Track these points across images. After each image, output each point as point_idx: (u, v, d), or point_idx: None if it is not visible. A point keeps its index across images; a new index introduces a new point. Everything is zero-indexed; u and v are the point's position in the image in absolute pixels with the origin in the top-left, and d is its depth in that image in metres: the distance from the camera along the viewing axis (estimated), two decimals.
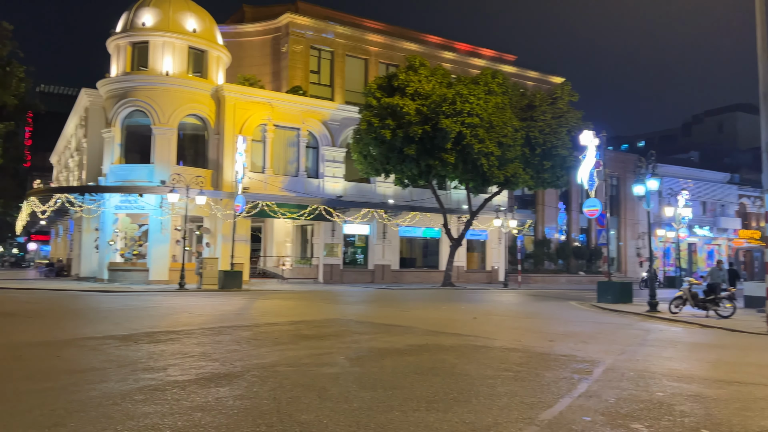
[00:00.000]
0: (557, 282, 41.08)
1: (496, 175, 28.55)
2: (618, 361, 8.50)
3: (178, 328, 11.21)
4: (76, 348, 8.61)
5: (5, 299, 18.64)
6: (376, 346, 9.28)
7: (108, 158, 30.24)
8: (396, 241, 35.89)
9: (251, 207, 29.33)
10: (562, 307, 19.58)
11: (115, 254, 29.83)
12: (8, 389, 5.90)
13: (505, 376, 7.03)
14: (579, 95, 31.61)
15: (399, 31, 42.98)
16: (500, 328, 12.57)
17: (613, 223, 47.76)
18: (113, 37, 31.08)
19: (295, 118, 32.68)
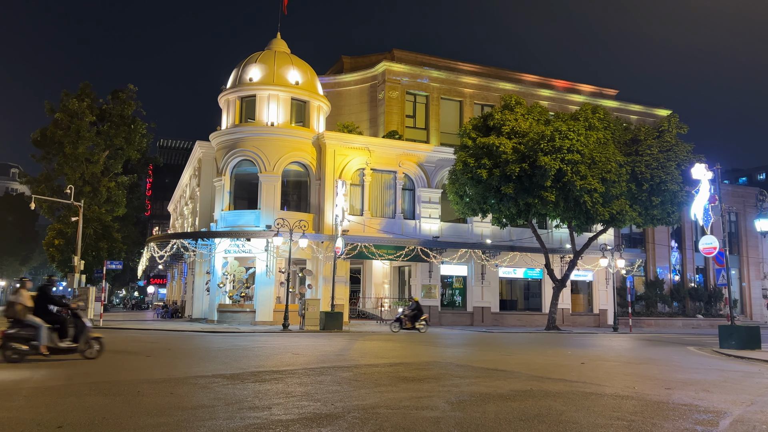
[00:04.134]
0: (672, 325, 38.30)
1: (600, 212, 27.40)
2: (747, 412, 7.70)
3: (282, 368, 11.48)
4: (188, 386, 9.03)
5: (128, 339, 20.03)
6: (477, 390, 9.01)
7: (219, 205, 32.13)
8: (495, 283, 35.13)
9: (350, 249, 29.93)
10: (680, 352, 18.15)
11: (224, 296, 31.32)
12: (129, 424, 6.26)
13: (617, 426, 6.57)
14: (688, 127, 29.93)
15: (493, 71, 43.08)
16: (611, 375, 11.82)
17: (733, 262, 44.19)
18: (224, 92, 33.44)
19: (392, 161, 33.31)
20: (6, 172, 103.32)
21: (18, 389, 8.48)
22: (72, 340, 12.13)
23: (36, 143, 38.68)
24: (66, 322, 12.21)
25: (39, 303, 12.14)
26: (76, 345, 12.14)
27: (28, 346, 11.58)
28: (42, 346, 11.65)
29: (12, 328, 11.65)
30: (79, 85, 39.22)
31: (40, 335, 11.68)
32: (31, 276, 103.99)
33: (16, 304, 11.83)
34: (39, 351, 11.63)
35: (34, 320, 11.80)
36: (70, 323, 12.23)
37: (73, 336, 12.15)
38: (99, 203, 38.29)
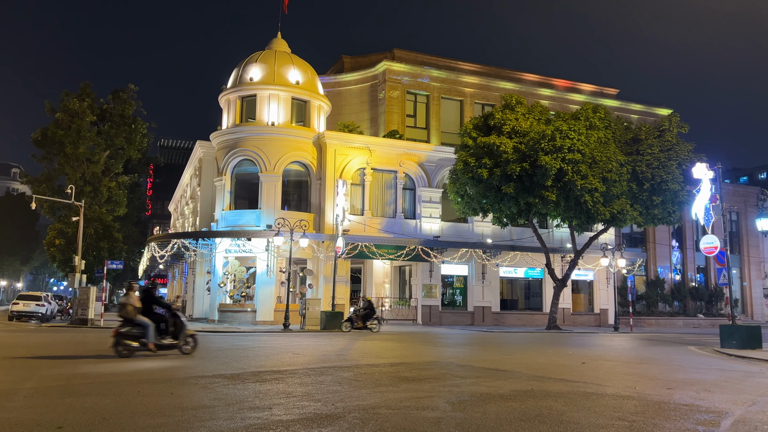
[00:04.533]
0: (673, 325, 38.29)
1: (601, 211, 27.38)
2: (749, 412, 7.68)
3: (283, 368, 11.48)
4: (189, 386, 9.03)
5: None
6: (478, 390, 9.00)
7: (219, 205, 32.13)
8: (496, 282, 35.12)
9: (351, 248, 29.93)
10: (680, 352, 18.14)
11: (225, 296, 31.33)
12: (129, 424, 6.26)
13: (618, 426, 6.56)
14: (689, 126, 29.90)
15: (494, 71, 43.05)
16: (612, 374, 11.81)
17: (734, 262, 44.16)
18: (224, 92, 33.44)
19: (392, 161, 33.30)
20: (7, 171, 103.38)
21: (19, 389, 8.48)
22: (173, 338, 13.45)
23: (37, 143, 38.67)
24: (168, 321, 13.51)
25: (145, 303, 13.41)
26: (176, 342, 13.47)
27: (138, 343, 12.89)
28: (150, 343, 12.95)
29: (124, 327, 12.92)
30: (80, 84, 39.22)
31: (148, 333, 12.96)
32: (32, 276, 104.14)
33: (128, 305, 13.15)
34: (147, 347, 12.94)
35: (143, 320, 13.09)
36: (170, 322, 13.51)
37: (174, 333, 13.47)
38: (100, 203, 38.29)
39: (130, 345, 12.81)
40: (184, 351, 13.51)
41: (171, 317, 13.57)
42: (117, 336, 12.80)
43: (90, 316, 28.33)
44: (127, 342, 12.79)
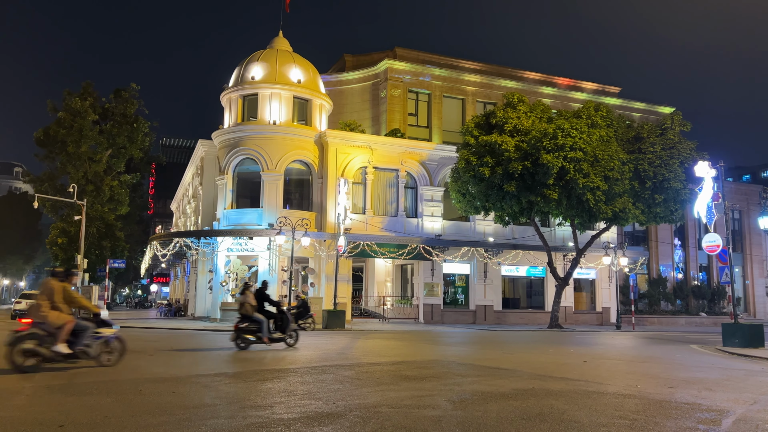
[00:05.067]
0: (675, 324, 38.24)
1: (603, 210, 27.34)
2: (750, 411, 7.67)
3: (284, 367, 11.49)
4: (190, 384, 9.04)
5: (131, 337, 20.03)
6: (479, 389, 9.00)
7: (221, 204, 32.16)
8: (498, 281, 35.11)
9: (353, 247, 29.94)
10: (682, 350, 18.12)
11: (227, 295, 31.36)
12: (131, 423, 6.27)
13: (620, 424, 6.55)
14: (692, 125, 29.84)
15: (496, 69, 43.00)
16: (613, 373, 11.80)
17: (736, 260, 44.07)
18: (226, 91, 33.46)
19: (394, 159, 33.30)
20: (9, 171, 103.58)
21: (21, 388, 8.50)
22: (281, 332, 15.05)
23: (39, 142, 38.75)
24: (276, 317, 15.12)
25: (258, 302, 14.89)
26: (284, 336, 15.07)
27: (255, 337, 14.48)
28: (265, 337, 14.50)
29: (242, 323, 14.48)
30: (82, 84, 39.28)
31: (263, 328, 14.50)
32: (35, 274, 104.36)
33: (246, 303, 14.62)
34: (262, 341, 14.52)
35: (259, 317, 14.60)
36: (278, 318, 15.12)
37: (281, 328, 15.07)
38: (102, 202, 38.36)
39: (247, 338, 14.44)
40: (288, 343, 15.20)
41: (279, 314, 15.19)
42: (237, 331, 14.43)
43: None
44: (245, 336, 14.43)
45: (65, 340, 9.96)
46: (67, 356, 10.01)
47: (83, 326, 10.26)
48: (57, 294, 10.14)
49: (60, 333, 9.91)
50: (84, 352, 10.22)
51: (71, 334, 10.06)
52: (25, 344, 9.79)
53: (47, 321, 9.92)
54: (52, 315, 9.98)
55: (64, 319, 10.02)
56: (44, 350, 9.83)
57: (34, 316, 10.03)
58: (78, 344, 10.14)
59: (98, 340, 10.48)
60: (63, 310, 10.15)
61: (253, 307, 14.72)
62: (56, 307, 10.09)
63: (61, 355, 9.94)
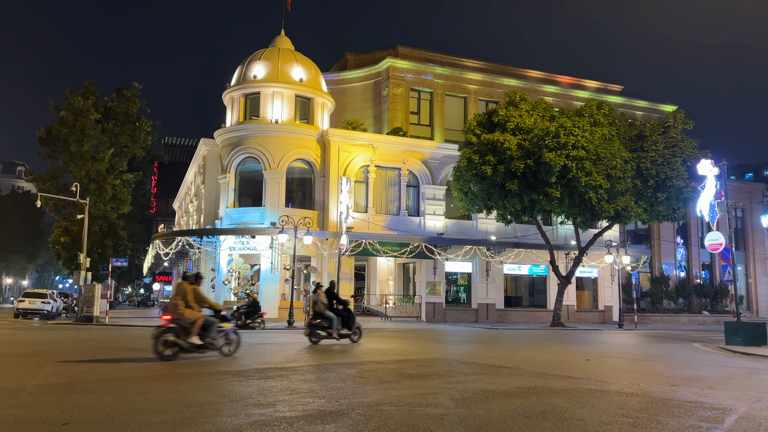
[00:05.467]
0: (678, 322, 38.19)
1: (605, 208, 27.32)
2: (753, 409, 7.67)
3: (287, 365, 11.51)
4: (193, 382, 9.06)
5: (133, 336, 20.11)
6: (481, 387, 9.01)
7: (223, 202, 32.20)
8: (500, 279, 35.11)
9: (355, 246, 29.95)
10: (685, 349, 18.11)
11: (230, 293, 31.41)
12: (134, 421, 6.29)
13: (622, 423, 6.55)
14: (694, 123, 29.78)
15: (498, 67, 42.94)
16: (615, 371, 11.80)
17: (739, 258, 43.98)
18: (228, 90, 33.48)
19: (396, 158, 33.30)
20: (12, 170, 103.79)
21: (24, 386, 8.53)
22: (347, 329, 16.37)
23: (41, 141, 38.79)
24: (343, 315, 16.36)
25: (329, 300, 16.30)
26: (350, 332, 16.41)
27: (326, 333, 15.91)
28: (335, 333, 15.88)
29: (315, 319, 15.98)
30: (84, 83, 39.30)
31: (333, 325, 15.91)
32: (38, 273, 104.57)
33: (318, 302, 16.11)
34: (332, 336, 15.89)
35: (330, 314, 15.98)
36: (345, 316, 16.36)
37: (348, 325, 16.38)
38: (104, 201, 38.39)
39: (319, 334, 15.91)
40: (353, 340, 16.49)
41: (345, 312, 16.48)
42: (310, 327, 15.98)
43: (95, 313, 28.43)
44: (318, 332, 15.90)
45: (197, 333, 11.70)
46: (198, 347, 11.75)
47: (210, 321, 11.99)
48: (189, 294, 11.91)
49: (193, 327, 11.64)
50: (211, 343, 11.92)
51: (201, 329, 11.77)
52: (166, 336, 11.53)
53: (183, 317, 11.65)
54: (187, 312, 11.69)
55: (196, 315, 11.77)
56: (181, 342, 11.56)
57: (173, 313, 11.74)
58: (206, 337, 11.85)
59: (221, 333, 12.24)
60: (194, 308, 11.87)
61: (325, 306, 16.17)
62: (189, 305, 11.80)
63: (194, 346, 11.67)
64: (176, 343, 11.57)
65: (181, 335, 11.62)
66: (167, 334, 11.59)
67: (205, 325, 11.88)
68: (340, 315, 16.32)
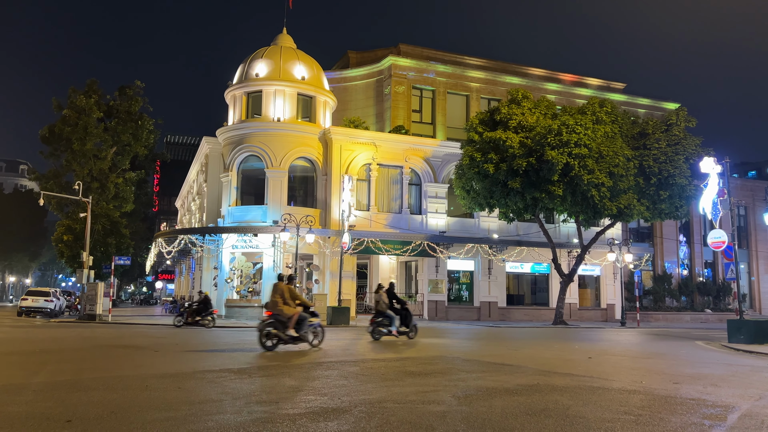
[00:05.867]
0: (680, 320, 38.15)
1: (607, 206, 27.28)
2: (756, 407, 7.67)
3: (289, 363, 11.53)
4: (196, 380, 9.08)
5: (136, 334, 20.17)
6: (484, 384, 9.02)
7: (226, 201, 32.23)
8: (502, 277, 35.10)
9: (357, 244, 29.96)
10: (687, 347, 18.10)
11: (232, 291, 31.45)
12: (137, 418, 6.31)
13: (625, 420, 6.55)
14: (697, 120, 29.72)
15: (500, 65, 42.89)
16: (618, 369, 11.80)
17: (742, 256, 43.93)
18: (230, 88, 33.48)
19: (398, 156, 33.29)
20: (15, 168, 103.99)
21: (28, 384, 8.56)
22: (405, 326, 17.55)
23: (44, 140, 38.86)
24: (402, 313, 17.55)
25: (390, 300, 17.51)
26: (407, 330, 17.59)
27: (387, 330, 17.18)
28: (394, 330, 17.17)
29: (377, 318, 17.25)
30: (86, 81, 39.36)
31: (393, 323, 17.20)
32: (41, 272, 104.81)
33: (380, 301, 17.33)
34: (392, 333, 17.16)
35: (390, 313, 17.26)
36: (403, 314, 17.54)
37: (406, 323, 17.55)
38: (107, 199, 38.46)
39: (381, 331, 17.17)
40: (410, 337, 17.63)
41: (403, 311, 17.64)
42: (373, 324, 17.26)
43: (98, 311, 28.51)
44: (379, 329, 17.16)
45: (293, 327, 13.51)
46: (294, 338, 13.52)
47: (303, 317, 13.73)
48: (285, 293, 13.73)
49: (290, 321, 13.46)
50: (304, 335, 13.75)
51: (296, 323, 13.56)
52: (268, 329, 13.33)
53: (282, 313, 13.43)
54: (285, 308, 13.48)
55: (293, 311, 13.53)
56: (281, 334, 13.36)
57: (273, 309, 13.56)
58: (300, 329, 13.65)
59: (311, 327, 13.98)
60: (290, 304, 13.62)
61: (386, 305, 17.34)
62: (286, 302, 13.59)
63: (291, 338, 13.49)
64: (276, 335, 13.36)
65: (280, 328, 13.37)
66: (269, 327, 13.34)
67: (299, 320, 13.63)
68: (399, 314, 17.53)
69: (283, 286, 13.86)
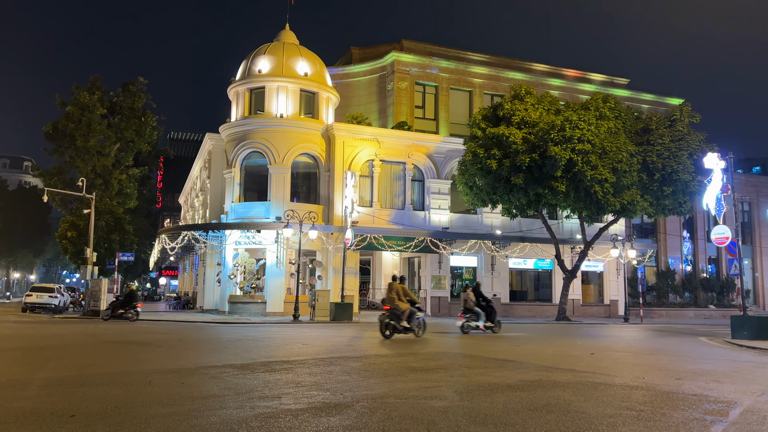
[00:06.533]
0: (684, 316, 38.11)
1: (611, 202, 27.24)
2: (758, 402, 7.66)
3: (292, 358, 11.56)
4: (199, 376, 9.12)
5: (140, 329, 20.24)
6: (486, 380, 9.03)
7: (229, 197, 32.27)
8: (505, 273, 35.09)
9: (360, 240, 29.98)
10: (690, 343, 18.08)
11: (235, 287, 31.51)
12: (141, 413, 6.34)
13: (626, 416, 6.56)
14: (701, 116, 29.61)
15: (503, 61, 42.80)
16: (620, 365, 11.80)
17: (746, 252, 43.81)
18: (233, 84, 33.49)
19: (401, 152, 33.26)
20: (19, 165, 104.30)
21: (32, 379, 8.60)
22: (490, 321, 19.38)
23: (48, 136, 38.97)
24: (487, 310, 19.36)
25: (476, 297, 19.47)
26: (492, 325, 19.43)
27: (475, 325, 19.14)
28: (481, 325, 19.17)
29: (466, 314, 19.23)
30: (90, 78, 39.43)
31: (480, 318, 19.16)
32: (45, 268, 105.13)
33: (468, 299, 19.29)
34: (479, 328, 19.20)
35: (477, 310, 19.20)
36: (488, 311, 19.37)
37: (491, 319, 19.40)
38: (111, 195, 38.57)
39: (470, 326, 19.11)
40: (494, 331, 19.45)
41: (488, 308, 19.37)
42: (463, 320, 19.21)
43: (102, 307, 28.62)
44: (468, 324, 19.12)
45: (406, 319, 16.50)
46: (405, 329, 16.54)
47: (413, 311, 16.69)
48: (400, 291, 16.76)
49: (403, 315, 16.49)
50: (412, 327, 16.66)
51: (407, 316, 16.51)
52: (387, 321, 16.44)
53: (398, 308, 16.49)
54: (400, 304, 16.52)
55: (406, 306, 16.58)
56: (397, 324, 16.42)
57: (390, 304, 16.57)
58: (411, 321, 16.64)
59: (417, 320, 16.83)
60: (404, 300, 16.64)
61: (474, 303, 19.26)
62: (401, 299, 16.62)
63: (404, 328, 16.51)
64: (393, 325, 16.38)
65: (395, 320, 16.41)
66: (387, 320, 16.40)
67: (410, 313, 16.60)
68: (485, 310, 19.29)
69: (397, 286, 16.90)
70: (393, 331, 16.38)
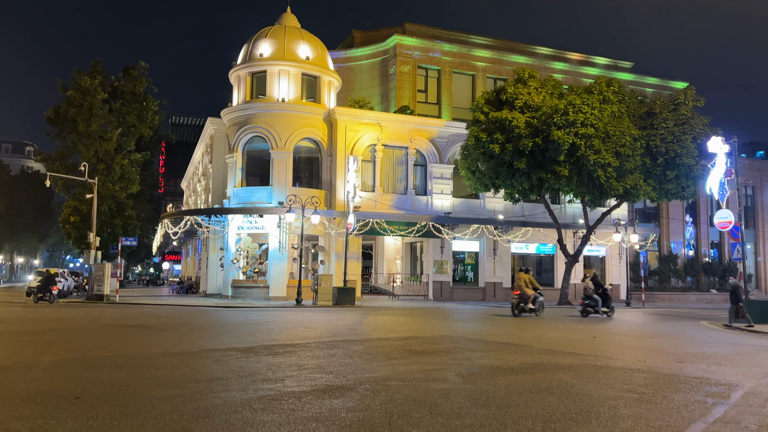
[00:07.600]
0: (686, 300, 38.16)
1: (614, 186, 27.14)
2: (760, 385, 7.70)
3: (295, 342, 11.62)
4: (203, 359, 9.18)
5: (143, 314, 20.35)
6: (488, 363, 9.07)
7: (231, 182, 32.24)
8: (507, 258, 35.09)
9: (362, 225, 29.99)
10: (692, 326, 18.12)
11: (238, 272, 31.61)
12: (145, 395, 6.39)
13: (628, 398, 6.59)
14: (705, 100, 29.38)
15: (507, 44, 42.46)
16: (622, 348, 11.84)
17: (749, 236, 43.71)
18: (234, 68, 33.31)
19: (403, 137, 33.14)
20: (21, 150, 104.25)
21: (38, 362, 8.67)
22: (606, 307, 21.61)
23: (49, 121, 38.90)
24: (603, 297, 21.53)
25: (595, 286, 21.66)
26: (607, 310, 21.63)
27: (594, 310, 21.44)
28: (600, 310, 21.40)
29: (585, 300, 21.61)
30: (91, 62, 39.26)
31: (598, 304, 21.39)
32: (49, 252, 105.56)
33: (588, 287, 21.66)
34: (597, 312, 21.40)
35: (596, 297, 21.41)
36: (604, 298, 21.55)
37: (607, 305, 21.65)
38: (113, 180, 38.58)
39: (589, 311, 21.43)
40: (609, 315, 21.52)
41: (604, 295, 21.55)
42: (583, 306, 21.57)
43: (105, 292, 28.76)
44: (588, 309, 21.43)
45: (531, 302, 20.60)
46: (531, 310, 20.67)
47: (536, 296, 20.80)
48: (527, 280, 20.92)
49: (529, 299, 20.61)
50: (535, 308, 20.78)
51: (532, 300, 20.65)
52: (517, 302, 20.61)
53: (525, 293, 20.64)
54: (527, 290, 20.66)
55: (531, 292, 20.70)
56: (525, 306, 20.60)
57: (520, 290, 20.75)
58: (535, 304, 20.79)
59: (539, 302, 20.95)
60: (530, 287, 20.76)
61: (592, 290, 21.48)
62: (528, 286, 20.74)
63: (529, 309, 20.62)
64: (522, 307, 20.53)
65: (523, 303, 20.58)
66: (517, 302, 20.58)
67: (534, 298, 20.68)
68: (602, 297, 21.44)
69: (524, 275, 21.11)
70: (521, 312, 20.50)
